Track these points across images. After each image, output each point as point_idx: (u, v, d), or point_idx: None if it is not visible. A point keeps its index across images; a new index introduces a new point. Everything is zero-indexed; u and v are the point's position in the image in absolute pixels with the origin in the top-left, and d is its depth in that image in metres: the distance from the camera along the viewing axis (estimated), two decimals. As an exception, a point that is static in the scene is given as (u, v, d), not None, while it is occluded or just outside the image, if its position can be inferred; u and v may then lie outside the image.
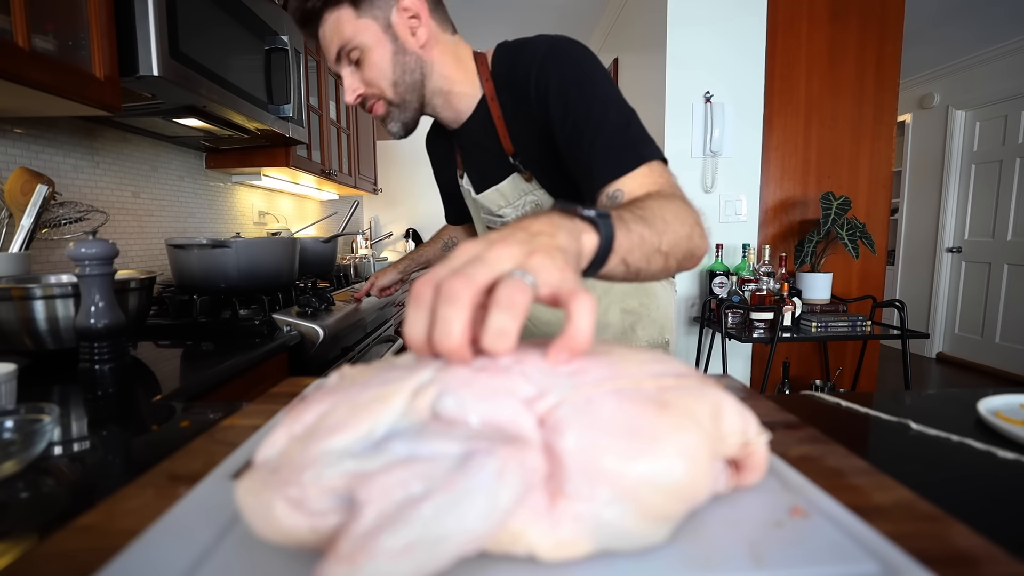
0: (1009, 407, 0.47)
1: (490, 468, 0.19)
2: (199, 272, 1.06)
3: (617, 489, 0.21)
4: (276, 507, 0.21)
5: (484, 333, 0.23)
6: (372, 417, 0.22)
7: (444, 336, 0.23)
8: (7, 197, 0.86)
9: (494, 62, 0.70)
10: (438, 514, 0.18)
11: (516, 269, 0.25)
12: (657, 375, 0.26)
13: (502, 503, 0.19)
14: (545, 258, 0.27)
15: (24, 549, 0.27)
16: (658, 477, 0.21)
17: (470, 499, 0.19)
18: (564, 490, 0.21)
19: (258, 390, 0.83)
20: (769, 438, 0.26)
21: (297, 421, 0.24)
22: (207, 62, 1.00)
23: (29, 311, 0.66)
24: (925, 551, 0.23)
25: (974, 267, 3.40)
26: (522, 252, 0.27)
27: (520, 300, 0.24)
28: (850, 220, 1.86)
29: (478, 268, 0.25)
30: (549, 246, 0.28)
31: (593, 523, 0.21)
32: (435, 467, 0.20)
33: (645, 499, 0.21)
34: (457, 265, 0.26)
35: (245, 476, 0.23)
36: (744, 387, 0.51)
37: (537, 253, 0.27)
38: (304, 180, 1.97)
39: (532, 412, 0.23)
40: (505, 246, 0.27)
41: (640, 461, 0.21)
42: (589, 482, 0.21)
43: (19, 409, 0.40)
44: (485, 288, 0.25)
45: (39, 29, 0.71)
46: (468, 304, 0.23)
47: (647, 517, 0.21)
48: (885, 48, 2.05)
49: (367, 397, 0.23)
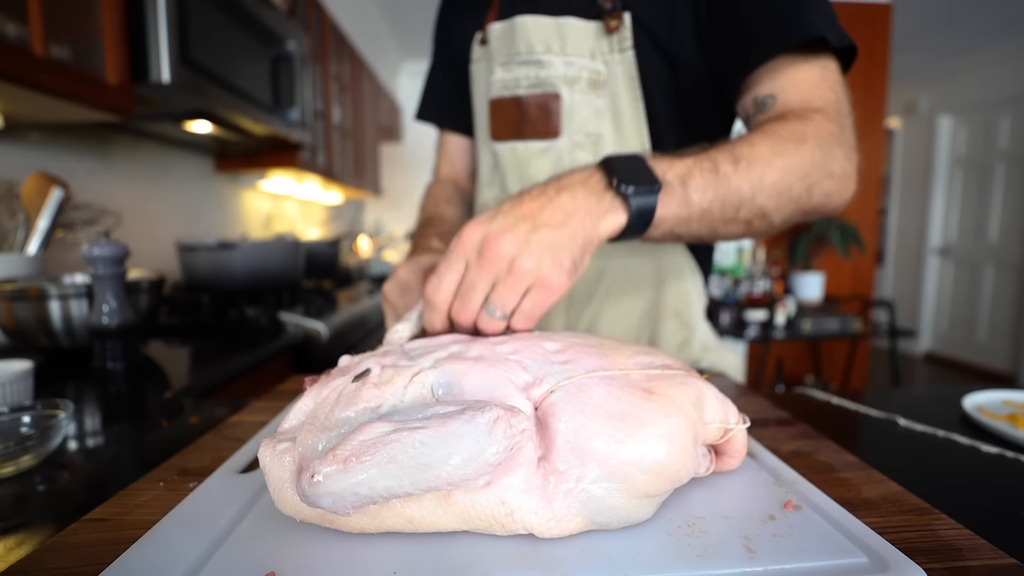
0: (992, 403, 0.48)
1: (482, 419, 0.21)
2: (207, 273, 1.08)
3: (605, 468, 0.22)
4: (285, 483, 0.22)
5: None
6: (376, 398, 0.23)
7: None
8: (24, 200, 0.89)
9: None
10: (427, 444, 0.20)
11: (488, 305, 0.32)
12: (644, 366, 0.27)
13: (487, 454, 0.21)
14: (507, 293, 0.32)
15: (41, 540, 0.28)
16: (643, 458, 0.22)
17: (458, 440, 0.20)
18: (557, 468, 0.22)
19: (264, 387, 0.84)
20: (747, 425, 0.27)
21: (317, 396, 0.26)
22: (216, 68, 1.02)
23: (45, 311, 0.68)
24: (912, 542, 0.23)
25: (960, 268, 3.47)
26: (498, 274, 0.32)
27: (495, 329, 0.32)
28: (840, 222, 1.86)
29: (458, 307, 0.33)
30: (537, 252, 0.31)
31: (583, 498, 0.22)
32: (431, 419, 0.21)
33: (631, 477, 0.22)
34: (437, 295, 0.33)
35: (268, 441, 0.24)
36: (737, 385, 0.51)
37: (504, 281, 0.31)
38: (309, 183, 1.99)
39: (528, 397, 0.24)
40: (485, 268, 0.32)
41: (627, 443, 0.22)
42: (580, 461, 0.22)
43: (36, 405, 0.41)
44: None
45: (55, 37, 0.73)
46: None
47: (633, 494, 0.22)
48: (873, 55, 2.05)
49: (372, 380, 0.25)
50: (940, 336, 3.64)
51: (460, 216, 0.67)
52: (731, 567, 0.21)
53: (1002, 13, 2.61)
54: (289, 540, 0.23)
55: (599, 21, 0.51)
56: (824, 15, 0.42)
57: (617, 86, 0.52)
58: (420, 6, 2.55)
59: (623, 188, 0.33)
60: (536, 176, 0.57)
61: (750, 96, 0.45)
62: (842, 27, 0.43)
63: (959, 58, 3.27)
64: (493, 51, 0.57)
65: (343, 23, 2.19)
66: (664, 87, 0.51)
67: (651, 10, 0.49)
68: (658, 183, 0.34)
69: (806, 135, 0.40)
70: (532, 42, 0.53)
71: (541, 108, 0.54)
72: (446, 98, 0.69)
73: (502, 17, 0.56)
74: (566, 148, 0.54)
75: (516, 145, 0.57)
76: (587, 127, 0.53)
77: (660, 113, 0.52)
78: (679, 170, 0.36)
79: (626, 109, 0.52)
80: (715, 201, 0.37)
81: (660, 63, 0.50)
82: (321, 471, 0.19)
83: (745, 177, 0.37)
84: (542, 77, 0.53)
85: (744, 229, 0.41)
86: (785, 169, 0.38)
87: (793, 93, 0.42)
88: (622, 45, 0.50)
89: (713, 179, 0.37)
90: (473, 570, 0.21)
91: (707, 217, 0.38)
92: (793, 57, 0.43)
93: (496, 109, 0.57)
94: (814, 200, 0.40)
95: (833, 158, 0.40)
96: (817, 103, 0.42)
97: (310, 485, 0.19)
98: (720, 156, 0.38)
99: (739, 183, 0.37)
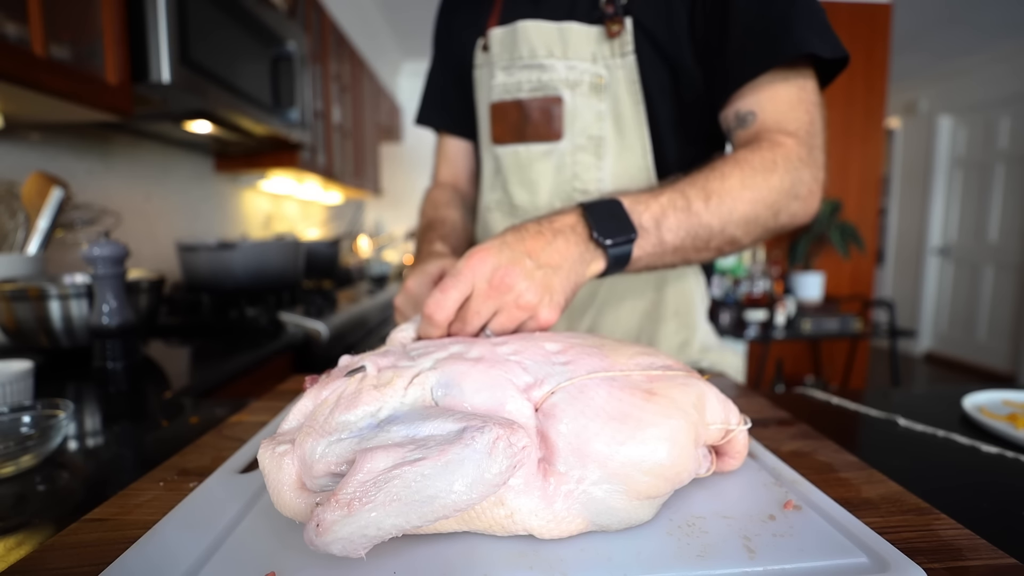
0: (992, 403, 0.48)
1: (481, 441, 0.21)
2: (207, 273, 1.08)
3: (606, 469, 0.22)
4: (284, 485, 0.22)
5: None
6: (376, 401, 0.23)
7: None
8: (24, 200, 0.89)
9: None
10: (429, 476, 0.20)
11: (486, 329, 0.35)
12: (646, 366, 0.27)
13: (490, 475, 0.20)
14: (508, 322, 0.35)
15: (41, 540, 0.28)
16: (644, 459, 0.22)
17: (460, 467, 0.20)
18: (557, 469, 0.22)
19: (264, 387, 0.84)
20: (748, 426, 0.27)
21: (316, 397, 0.26)
22: (216, 68, 1.02)
23: (45, 311, 0.68)
24: (912, 542, 0.23)
25: (960, 268, 3.47)
26: (502, 304, 0.34)
27: None
28: (840, 222, 1.87)
29: (458, 328, 0.35)
30: (539, 289, 0.35)
31: (584, 500, 0.22)
32: (431, 441, 0.21)
33: (632, 479, 0.22)
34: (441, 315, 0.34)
35: (267, 442, 0.24)
36: (738, 385, 0.51)
37: (507, 311, 0.35)
38: (309, 183, 1.99)
39: (528, 398, 0.24)
40: (492, 297, 0.34)
41: (628, 444, 0.22)
42: (580, 462, 0.22)
43: (36, 405, 0.41)
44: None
45: (55, 37, 0.73)
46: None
47: (634, 496, 0.22)
48: (873, 55, 2.06)
49: (371, 382, 0.25)
50: (940, 336, 3.64)
51: (462, 219, 0.67)
52: (731, 567, 0.21)
53: (1002, 14, 2.61)
54: (289, 540, 0.23)
55: (601, 26, 0.51)
56: (816, 28, 0.42)
57: (619, 90, 0.52)
58: (420, 6, 2.55)
59: (601, 240, 0.38)
60: (538, 179, 0.57)
61: (732, 109, 0.47)
62: (835, 35, 0.43)
63: (959, 58, 3.28)
64: (495, 55, 0.57)
65: (343, 23, 2.19)
66: (665, 91, 0.51)
67: (652, 15, 0.49)
68: (634, 232, 0.38)
69: (776, 163, 0.43)
70: (534, 46, 0.53)
71: (543, 111, 0.54)
72: (446, 102, 0.69)
73: (504, 21, 0.56)
74: (568, 151, 0.55)
75: (518, 148, 0.57)
76: (589, 130, 0.54)
77: (661, 116, 0.53)
78: (654, 212, 0.40)
79: (627, 112, 0.53)
80: (687, 238, 0.41)
81: (661, 67, 0.50)
82: (326, 519, 0.19)
83: (715, 213, 0.41)
84: (544, 81, 0.53)
85: (715, 255, 0.45)
86: (753, 201, 0.42)
87: (772, 113, 0.45)
88: (623, 49, 0.51)
89: (685, 218, 0.41)
90: (473, 570, 0.21)
91: (680, 251, 0.42)
92: (776, 74, 0.44)
93: (497, 112, 0.57)
94: (780, 221, 0.45)
95: (800, 181, 0.44)
96: (791, 126, 0.44)
97: (318, 534, 0.19)
98: (692, 192, 0.41)
99: (709, 219, 0.41)
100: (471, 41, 0.61)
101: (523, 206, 0.58)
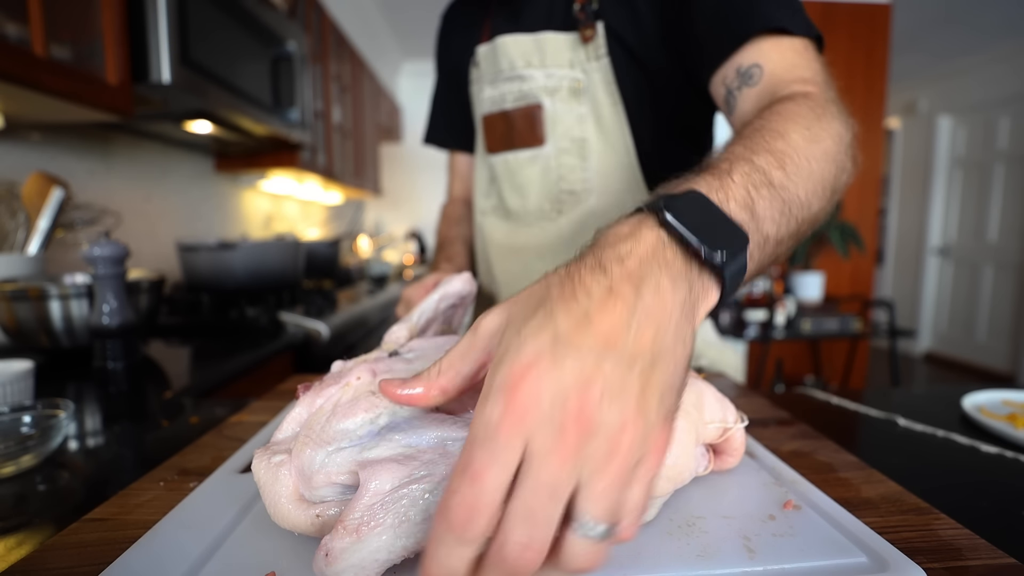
0: (992, 403, 0.48)
1: None
2: (208, 273, 1.08)
3: None
4: (282, 497, 0.22)
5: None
6: (374, 408, 0.23)
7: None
8: (25, 200, 0.89)
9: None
10: (437, 492, 0.20)
11: (588, 518, 0.16)
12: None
13: None
14: (615, 490, 0.17)
15: (42, 540, 0.28)
16: None
17: None
18: None
19: (264, 387, 0.84)
20: (745, 424, 0.27)
21: (310, 405, 0.25)
22: (216, 68, 1.02)
23: (45, 311, 0.68)
24: (912, 542, 0.23)
25: (960, 268, 3.47)
26: (595, 460, 0.16)
27: (595, 560, 0.17)
28: (840, 222, 1.87)
29: (519, 533, 0.16)
30: (650, 413, 0.17)
31: None
32: (433, 452, 0.21)
33: None
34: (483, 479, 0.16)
35: (261, 452, 0.24)
36: (737, 384, 0.51)
37: (607, 471, 0.16)
38: (309, 183, 1.99)
39: None
40: (573, 453, 0.16)
41: None
42: None
43: (36, 405, 0.41)
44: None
45: (56, 38, 0.73)
46: None
47: None
48: (873, 55, 2.06)
49: (368, 388, 0.24)
50: (940, 336, 3.64)
51: (467, 234, 0.70)
52: (731, 567, 0.21)
53: (1001, 14, 2.62)
54: (289, 540, 0.23)
55: (575, 32, 0.52)
56: (784, 5, 0.40)
57: (597, 92, 0.53)
58: (420, 6, 2.55)
59: (713, 258, 0.21)
60: (526, 183, 0.58)
61: (731, 67, 0.41)
62: (807, 16, 0.41)
63: (958, 58, 3.29)
64: (483, 71, 0.60)
65: (343, 23, 2.19)
66: (640, 89, 0.52)
67: (620, 17, 0.50)
68: (744, 233, 0.23)
69: (822, 109, 0.34)
70: (513, 59, 0.55)
71: (526, 119, 0.56)
72: (451, 120, 0.71)
73: (491, 38, 0.59)
74: (552, 154, 0.56)
75: (507, 156, 0.59)
76: (571, 133, 0.55)
77: (639, 114, 0.54)
78: (738, 196, 0.26)
79: (607, 113, 0.54)
80: (782, 222, 0.28)
81: (633, 66, 0.51)
82: (335, 547, 0.19)
83: (798, 181, 0.29)
84: (524, 91, 0.55)
85: (798, 243, 0.32)
86: (823, 158, 0.31)
87: (779, 63, 0.38)
88: (598, 53, 0.52)
89: (771, 196, 0.27)
90: (473, 570, 0.21)
91: (779, 245, 0.28)
92: (768, 36, 0.40)
93: (488, 124, 0.60)
94: (841, 183, 0.33)
95: (849, 130, 0.35)
96: (806, 73, 0.38)
97: (327, 563, 0.19)
98: (760, 159, 0.28)
99: (796, 191, 0.29)
100: (466, 60, 0.64)
101: (516, 210, 0.61)
